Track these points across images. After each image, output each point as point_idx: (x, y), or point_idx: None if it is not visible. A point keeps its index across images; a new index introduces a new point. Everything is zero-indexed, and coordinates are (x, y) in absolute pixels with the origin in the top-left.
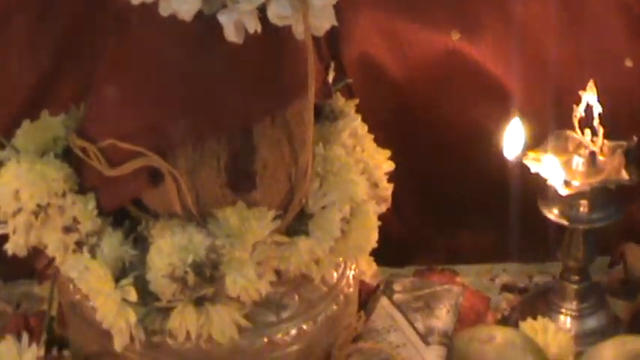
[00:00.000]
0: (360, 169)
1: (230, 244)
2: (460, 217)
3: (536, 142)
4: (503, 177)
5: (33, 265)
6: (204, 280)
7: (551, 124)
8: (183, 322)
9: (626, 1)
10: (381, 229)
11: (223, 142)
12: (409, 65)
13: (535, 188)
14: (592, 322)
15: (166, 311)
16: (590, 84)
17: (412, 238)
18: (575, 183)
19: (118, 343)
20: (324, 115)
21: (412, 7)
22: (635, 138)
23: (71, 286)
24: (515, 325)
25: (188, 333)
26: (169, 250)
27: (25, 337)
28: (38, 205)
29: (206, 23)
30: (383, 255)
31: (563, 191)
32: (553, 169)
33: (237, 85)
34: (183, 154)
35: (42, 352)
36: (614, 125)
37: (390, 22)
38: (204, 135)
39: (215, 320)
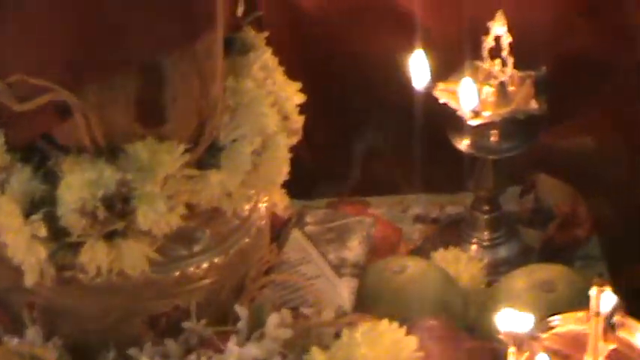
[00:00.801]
0: (271, 101)
1: (140, 178)
2: (371, 148)
3: (448, 73)
4: (414, 108)
5: None
6: (115, 214)
7: (462, 54)
8: (94, 256)
9: None
10: (292, 162)
11: (132, 76)
12: None
13: (445, 119)
14: (503, 252)
15: (77, 246)
16: (499, 14)
17: (324, 170)
18: (485, 113)
19: (29, 279)
20: (234, 48)
21: None
22: (544, 68)
23: None
24: (427, 256)
25: (99, 267)
26: (79, 184)
27: None
28: None
29: None
30: (295, 187)
31: (473, 121)
32: (469, 93)
33: (144, 17)
34: (91, 88)
35: None
36: (524, 55)
37: None
38: (112, 69)
39: (126, 254)
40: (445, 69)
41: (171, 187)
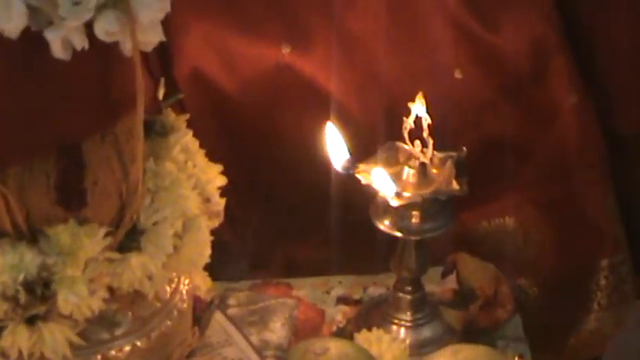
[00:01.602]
0: (192, 184)
1: (62, 261)
2: (295, 230)
3: (370, 154)
4: (336, 189)
5: None
6: (36, 298)
7: (383, 136)
8: (16, 341)
9: (454, 15)
10: (215, 244)
11: (52, 160)
12: (240, 80)
13: (368, 200)
14: (426, 332)
15: None
16: (419, 95)
17: (247, 253)
18: (406, 194)
19: None
20: (154, 130)
21: (243, 22)
22: (464, 149)
23: None
24: (351, 337)
25: (20, 352)
26: (0, 269)
27: None
28: None
29: (33, 40)
30: (217, 270)
31: (394, 202)
32: (383, 181)
33: (64, 101)
34: (12, 171)
35: None
36: (445, 136)
37: (221, 37)
38: (32, 153)
39: (47, 338)
40: (368, 149)
41: (93, 271)
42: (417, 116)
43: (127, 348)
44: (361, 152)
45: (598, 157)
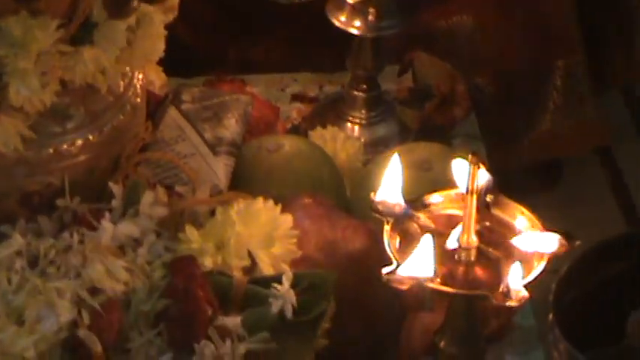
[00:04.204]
0: None
1: (13, 54)
2: (251, 26)
3: None
4: None
5: None
6: None
7: None
8: None
9: None
10: (170, 39)
11: None
12: None
13: None
14: (381, 131)
15: None
16: None
17: (202, 48)
18: None
19: None
20: None
21: None
22: None
23: None
24: (305, 135)
25: None
26: None
27: None
28: None
29: None
30: (172, 65)
31: None
32: None
33: None
34: None
35: None
36: None
37: None
38: None
39: None
40: None
41: (45, 64)
42: None
43: (79, 142)
44: None
45: None
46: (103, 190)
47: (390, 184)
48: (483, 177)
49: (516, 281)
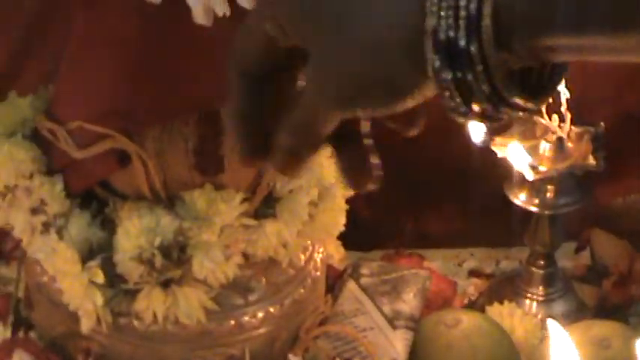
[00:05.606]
0: (329, 152)
1: (197, 226)
2: (428, 201)
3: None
4: (471, 162)
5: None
6: (172, 262)
7: None
8: (150, 304)
9: None
10: (349, 213)
11: (191, 124)
12: None
13: (503, 173)
14: (558, 307)
15: (133, 293)
16: None
17: (380, 222)
18: (542, 168)
19: (85, 325)
20: None
21: None
22: (602, 124)
23: (38, 268)
24: (482, 310)
25: (155, 315)
26: (137, 232)
27: None
28: (5, 187)
29: (175, 6)
30: (351, 239)
31: (530, 176)
32: (518, 155)
33: (205, 67)
34: (150, 135)
35: (8, 333)
36: (583, 111)
37: None
38: (171, 116)
39: (182, 302)
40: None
41: (228, 237)
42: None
43: (261, 314)
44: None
45: None
46: None
47: None
48: None
49: None
